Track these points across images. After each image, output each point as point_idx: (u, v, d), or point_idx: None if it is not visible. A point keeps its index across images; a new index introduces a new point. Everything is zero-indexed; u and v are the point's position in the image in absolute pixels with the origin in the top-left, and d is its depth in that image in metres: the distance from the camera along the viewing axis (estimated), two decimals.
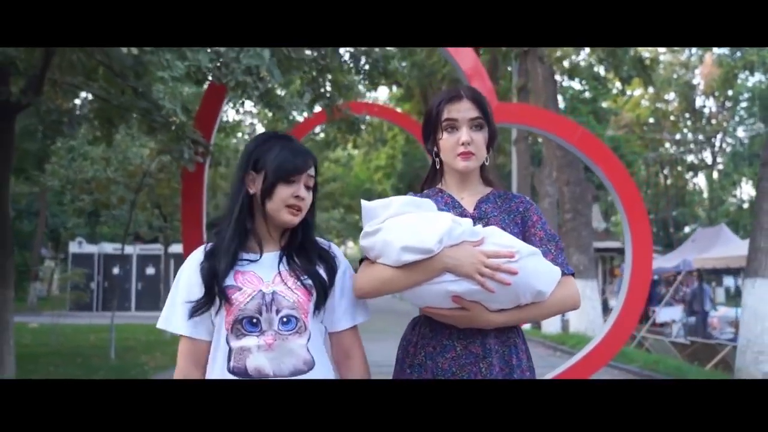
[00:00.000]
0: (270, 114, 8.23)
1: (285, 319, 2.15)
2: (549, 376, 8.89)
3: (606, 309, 23.81)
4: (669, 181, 46.35)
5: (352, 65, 8.65)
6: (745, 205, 45.17)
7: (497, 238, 2.21)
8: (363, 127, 10.68)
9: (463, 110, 2.35)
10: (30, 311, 23.46)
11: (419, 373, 2.27)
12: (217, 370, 2.14)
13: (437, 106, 2.39)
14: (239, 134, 25.13)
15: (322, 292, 2.21)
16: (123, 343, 13.51)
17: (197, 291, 2.17)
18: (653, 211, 47.64)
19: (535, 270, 2.18)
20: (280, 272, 2.20)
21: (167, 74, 5.56)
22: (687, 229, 41.62)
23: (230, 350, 2.13)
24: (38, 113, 7.29)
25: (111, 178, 12.73)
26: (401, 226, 2.20)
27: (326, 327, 2.30)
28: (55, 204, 29.44)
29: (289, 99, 7.24)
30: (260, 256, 2.22)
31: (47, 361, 10.91)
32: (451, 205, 2.41)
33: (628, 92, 41.30)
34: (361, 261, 2.34)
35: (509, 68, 24.20)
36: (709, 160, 46.45)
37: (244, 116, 26.97)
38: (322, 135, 27.99)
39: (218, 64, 6.08)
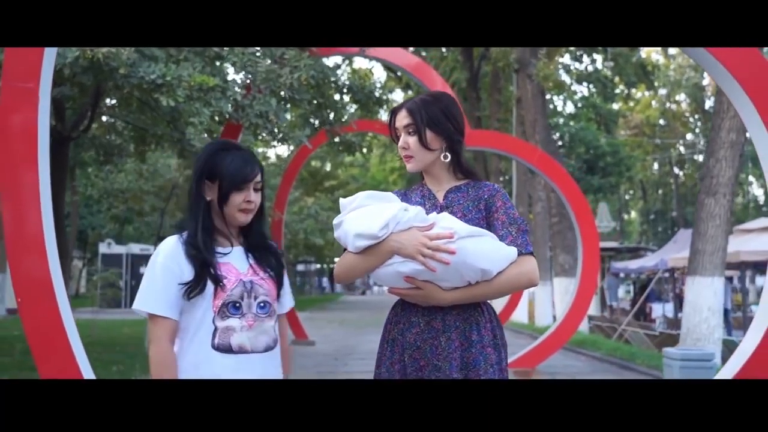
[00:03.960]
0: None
1: (262, 304, 2.47)
2: (517, 355, 10.49)
3: (604, 304, 25.19)
4: (681, 180, 47.16)
5: (349, 98, 10.22)
6: (751, 205, 46.15)
7: (445, 222, 2.39)
8: (364, 145, 12.30)
9: (400, 119, 2.59)
10: None
11: (392, 347, 2.49)
12: (198, 346, 2.40)
13: (389, 117, 2.67)
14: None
15: (280, 283, 2.56)
16: None
17: (182, 278, 2.39)
18: (665, 210, 48.67)
19: (476, 250, 2.34)
20: (251, 265, 2.50)
21: (197, 120, 7.18)
22: None
23: (215, 329, 2.40)
24: (94, 146, 8.96)
25: (144, 189, 14.45)
26: (357, 217, 2.44)
27: None
28: (82, 207, 30.93)
29: (291, 133, 8.80)
30: (232, 249, 2.51)
31: (91, 350, 12.42)
32: (427, 196, 2.62)
33: (638, 94, 42.50)
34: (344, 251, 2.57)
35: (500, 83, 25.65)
36: None
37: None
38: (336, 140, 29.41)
39: (236, 109, 7.71)
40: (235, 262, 2.48)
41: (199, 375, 2.38)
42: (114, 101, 9.65)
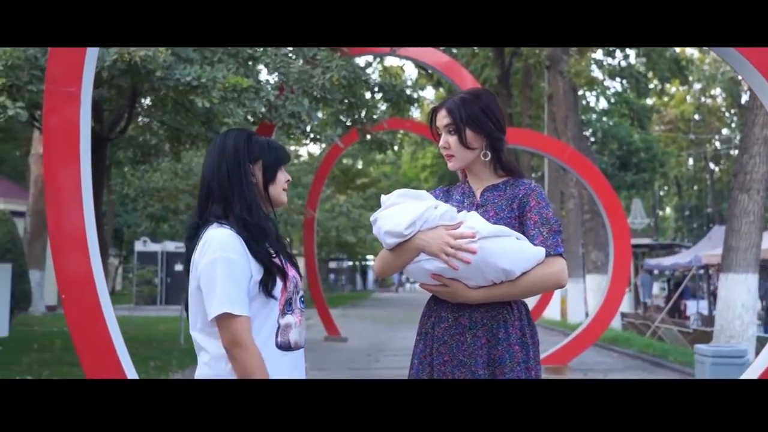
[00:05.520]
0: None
1: (302, 299, 2.44)
2: (549, 352, 10.53)
3: (638, 302, 25.05)
4: (716, 176, 46.65)
5: (380, 96, 10.32)
6: None
7: (472, 222, 2.40)
8: (395, 143, 12.40)
9: (440, 118, 2.58)
10: None
11: (424, 340, 2.52)
12: (264, 344, 2.26)
13: (429, 116, 2.68)
14: None
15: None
16: (189, 331, 15.26)
17: (252, 274, 2.26)
18: (701, 206, 48.14)
19: (498, 250, 2.34)
20: (288, 257, 2.44)
21: (231, 120, 7.33)
22: None
23: (278, 327, 2.31)
24: (131, 146, 9.16)
25: (179, 188, 14.68)
26: (389, 215, 2.46)
27: None
28: (118, 205, 31.37)
29: (323, 132, 8.94)
30: None
31: (128, 346, 12.67)
32: (467, 194, 2.63)
33: (672, 89, 42.06)
34: None
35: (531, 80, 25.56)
36: None
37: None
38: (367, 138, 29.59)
39: (269, 109, 7.84)
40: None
41: None
42: (150, 102, 9.85)
